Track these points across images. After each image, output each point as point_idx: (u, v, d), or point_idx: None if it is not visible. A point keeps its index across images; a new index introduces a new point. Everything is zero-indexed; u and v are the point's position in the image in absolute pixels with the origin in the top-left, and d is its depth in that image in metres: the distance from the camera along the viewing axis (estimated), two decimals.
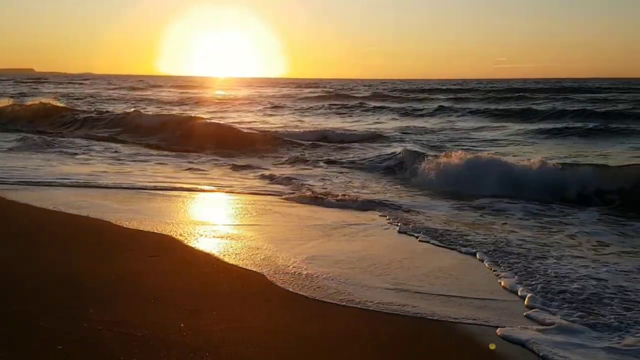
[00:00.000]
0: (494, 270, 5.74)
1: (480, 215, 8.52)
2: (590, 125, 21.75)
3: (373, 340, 4.09)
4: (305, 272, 5.51)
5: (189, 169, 13.19)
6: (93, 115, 26.30)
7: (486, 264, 5.97)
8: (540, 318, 4.49)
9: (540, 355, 3.88)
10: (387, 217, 8.16)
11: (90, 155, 15.04)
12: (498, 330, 4.28)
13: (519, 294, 5.06)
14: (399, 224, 7.65)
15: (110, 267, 5.36)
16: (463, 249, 6.50)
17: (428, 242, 6.84)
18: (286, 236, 7.01)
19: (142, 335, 3.89)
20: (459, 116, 30.19)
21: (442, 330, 4.31)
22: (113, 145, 17.99)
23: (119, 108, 32.33)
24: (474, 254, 6.31)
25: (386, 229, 7.58)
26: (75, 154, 15.28)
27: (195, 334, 3.95)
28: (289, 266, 5.70)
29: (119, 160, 14.32)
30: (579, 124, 22.56)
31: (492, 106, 35.69)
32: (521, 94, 49.23)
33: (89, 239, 6.45)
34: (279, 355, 3.77)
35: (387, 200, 9.40)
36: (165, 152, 16.46)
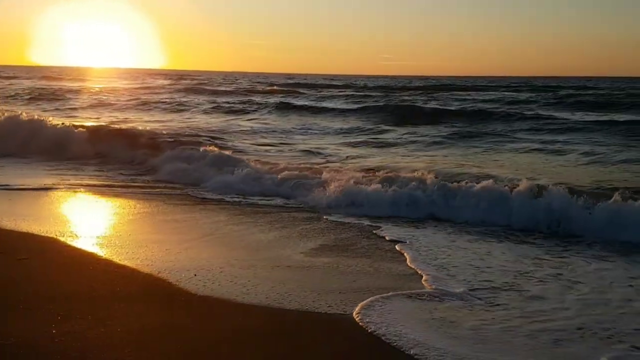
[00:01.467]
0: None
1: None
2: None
3: (259, 335, 4.23)
4: (192, 270, 5.56)
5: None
6: None
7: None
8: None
9: None
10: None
11: None
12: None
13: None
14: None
15: None
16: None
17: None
18: (172, 235, 7.02)
19: (11, 343, 3.83)
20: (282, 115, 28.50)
21: (327, 322, 4.53)
22: None
23: None
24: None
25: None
26: None
27: (69, 340, 3.92)
28: (174, 264, 5.72)
29: None
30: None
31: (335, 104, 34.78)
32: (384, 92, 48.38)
33: None
34: (161, 357, 3.81)
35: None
36: None
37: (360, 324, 4.45)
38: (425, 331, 4.35)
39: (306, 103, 34.27)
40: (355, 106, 31.18)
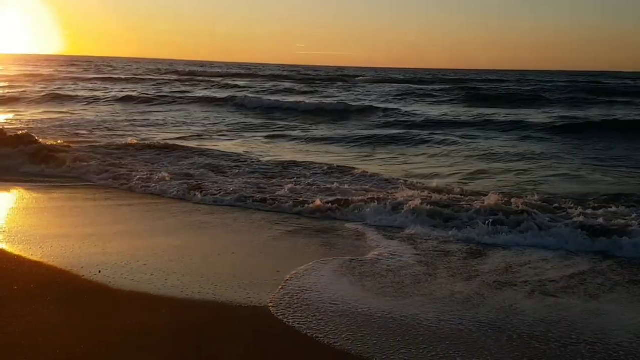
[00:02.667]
0: None
1: None
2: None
3: (167, 330, 4.15)
4: (97, 264, 5.39)
5: None
6: None
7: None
8: None
9: None
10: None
11: None
12: None
13: None
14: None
15: None
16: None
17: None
18: (91, 229, 6.80)
19: None
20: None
21: (240, 314, 4.50)
22: None
23: None
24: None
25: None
26: None
27: None
28: (77, 258, 5.54)
29: None
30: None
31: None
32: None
33: None
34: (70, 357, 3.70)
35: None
36: None
37: (275, 315, 4.47)
38: (337, 317, 4.41)
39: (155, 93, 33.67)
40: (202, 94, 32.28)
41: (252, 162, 12.10)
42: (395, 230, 7.04)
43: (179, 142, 14.63)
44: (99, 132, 16.95)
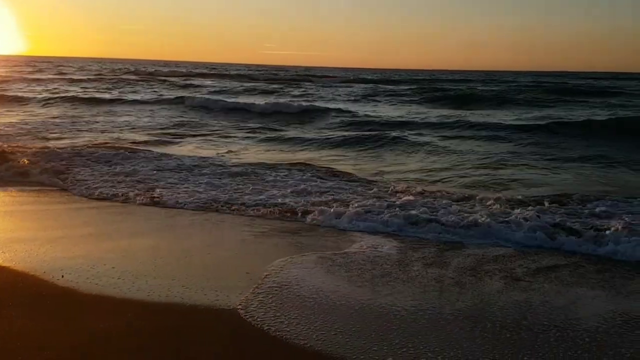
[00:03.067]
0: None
1: None
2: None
3: (133, 335, 4.08)
4: (60, 268, 5.29)
5: None
6: None
7: None
8: None
9: None
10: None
11: None
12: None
13: None
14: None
15: None
16: None
17: None
18: (56, 232, 6.65)
19: None
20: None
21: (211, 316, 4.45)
22: None
23: None
24: None
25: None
26: None
27: None
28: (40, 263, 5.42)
29: None
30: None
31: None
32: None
33: None
34: None
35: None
36: None
37: (244, 317, 4.43)
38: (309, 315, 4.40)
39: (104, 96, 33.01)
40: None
41: (213, 164, 11.82)
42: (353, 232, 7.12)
43: (133, 146, 14.26)
44: (50, 134, 16.51)
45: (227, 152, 14.05)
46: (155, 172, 10.64)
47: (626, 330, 4.32)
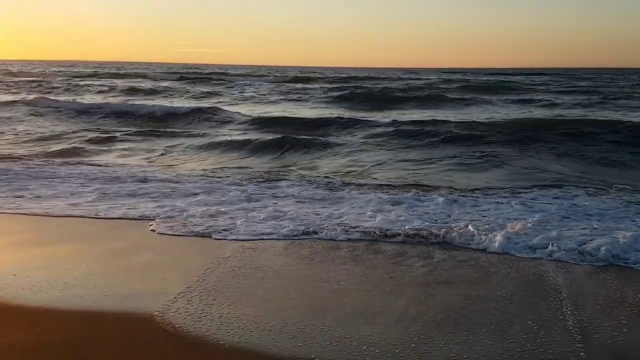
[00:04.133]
0: None
1: None
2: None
3: (57, 345, 4.00)
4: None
5: None
6: None
7: None
8: None
9: None
10: None
11: None
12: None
13: None
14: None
15: None
16: None
17: None
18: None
19: None
20: None
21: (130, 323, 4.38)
22: None
23: None
24: None
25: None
26: None
27: None
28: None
29: None
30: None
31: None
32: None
33: None
34: None
35: None
36: None
37: (163, 323, 4.38)
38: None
39: None
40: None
41: (102, 172, 11.20)
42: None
43: None
44: None
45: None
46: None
47: None
